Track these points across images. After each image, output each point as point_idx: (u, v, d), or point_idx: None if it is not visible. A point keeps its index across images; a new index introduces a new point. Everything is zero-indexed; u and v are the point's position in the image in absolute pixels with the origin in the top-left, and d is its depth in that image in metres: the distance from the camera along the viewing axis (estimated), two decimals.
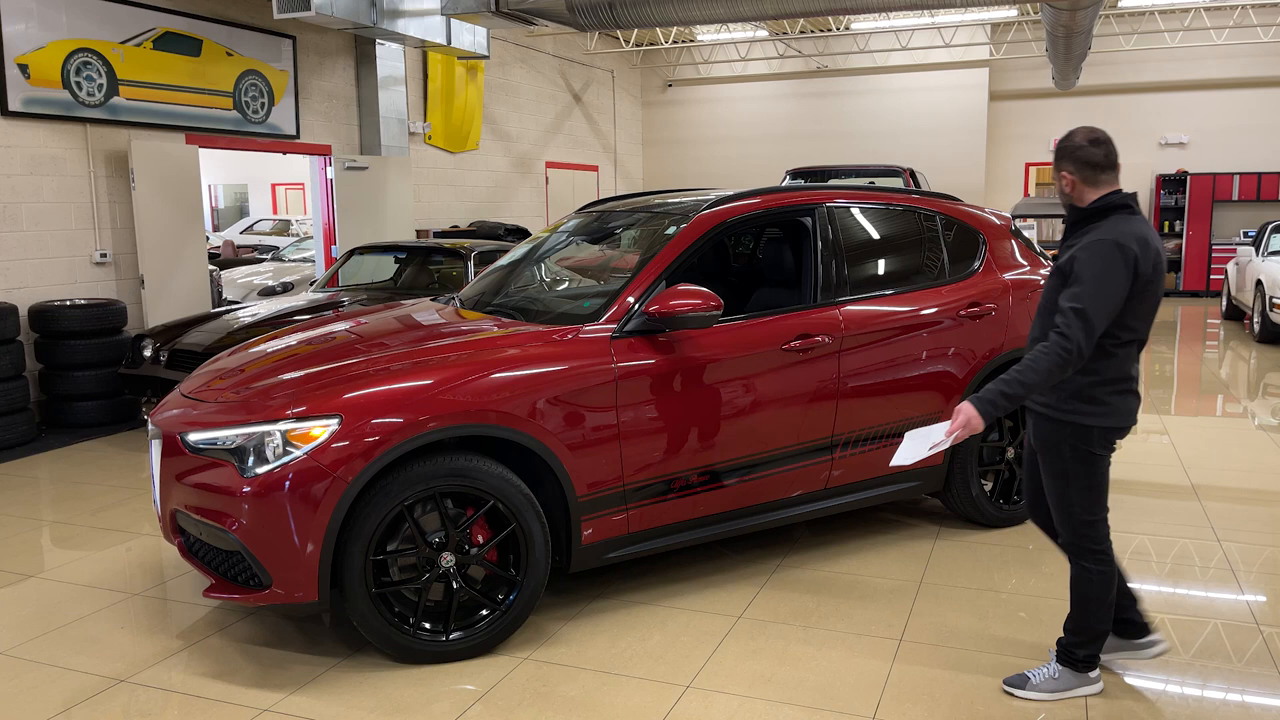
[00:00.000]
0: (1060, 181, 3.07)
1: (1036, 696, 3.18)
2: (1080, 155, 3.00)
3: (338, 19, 8.36)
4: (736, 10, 8.84)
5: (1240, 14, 14.82)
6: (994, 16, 14.57)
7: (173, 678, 3.42)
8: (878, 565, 4.37)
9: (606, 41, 16.59)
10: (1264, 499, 5.29)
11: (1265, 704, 3.16)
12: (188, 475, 3.43)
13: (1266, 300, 10.69)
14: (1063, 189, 3.07)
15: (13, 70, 7.22)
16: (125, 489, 5.76)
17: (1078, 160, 3.01)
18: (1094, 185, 3.01)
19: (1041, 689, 3.19)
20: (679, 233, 4.08)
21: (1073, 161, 3.02)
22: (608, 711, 3.15)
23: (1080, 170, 3.01)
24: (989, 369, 4.60)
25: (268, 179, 20.22)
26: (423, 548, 3.40)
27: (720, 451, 3.96)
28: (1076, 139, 3.02)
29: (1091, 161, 2.99)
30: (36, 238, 7.55)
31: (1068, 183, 3.04)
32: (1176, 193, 16.09)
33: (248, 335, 6.32)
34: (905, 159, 16.56)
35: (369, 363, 3.60)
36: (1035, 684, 3.20)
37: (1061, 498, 3.09)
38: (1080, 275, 2.89)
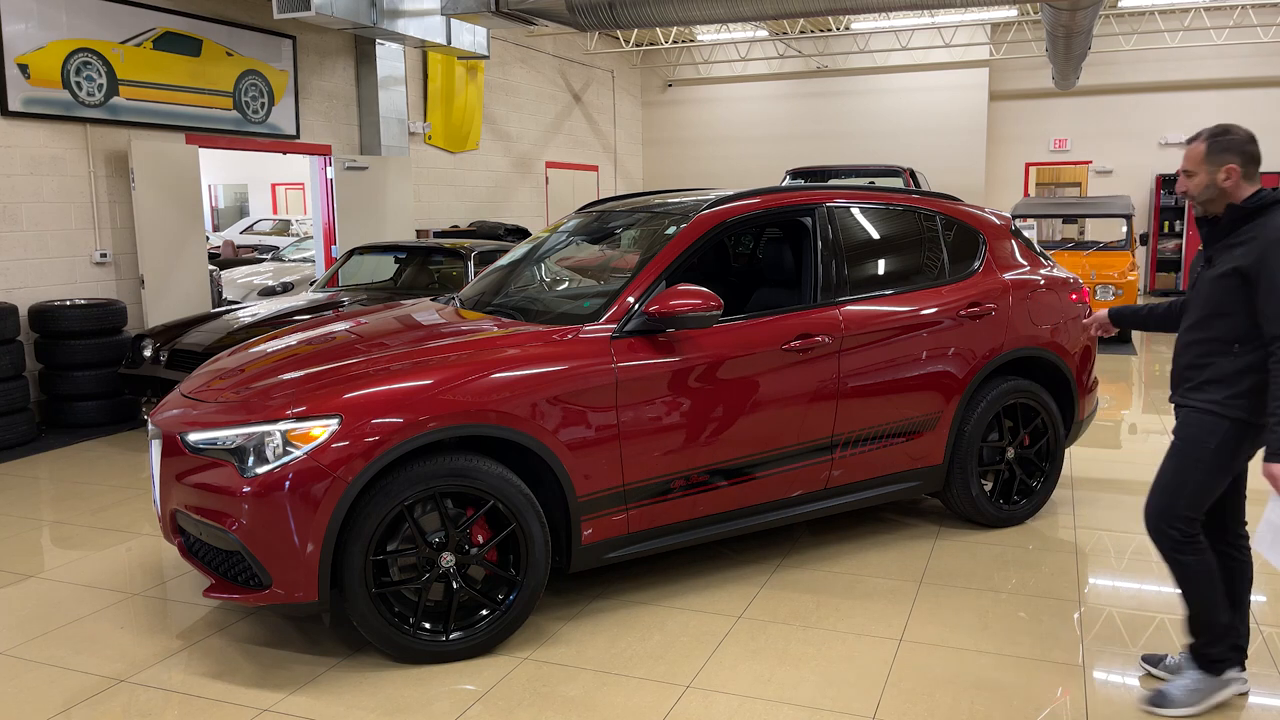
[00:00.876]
0: (1218, 175, 2.94)
1: (1182, 713, 3.05)
2: (1248, 150, 2.93)
3: (338, 19, 8.36)
4: (736, 10, 8.84)
5: (1240, 14, 14.82)
6: (994, 16, 14.57)
7: (173, 678, 3.42)
8: (878, 565, 4.37)
9: (606, 41, 16.60)
10: (1263, 499, 5.29)
11: (1265, 704, 3.16)
12: (188, 475, 3.43)
13: None
14: (1218, 182, 2.94)
15: (13, 70, 7.22)
16: (125, 489, 5.76)
17: (1245, 154, 2.93)
18: (1252, 181, 2.95)
19: (1184, 703, 3.06)
20: (679, 233, 4.08)
21: (1240, 155, 2.93)
22: (608, 711, 3.15)
23: (1246, 165, 2.93)
24: (989, 369, 4.60)
25: (268, 179, 20.22)
26: (423, 548, 3.40)
27: (720, 451, 3.96)
28: (1242, 134, 2.95)
29: (1256, 157, 2.94)
30: (36, 238, 7.55)
31: (1231, 176, 2.93)
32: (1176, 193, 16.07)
33: (248, 335, 6.32)
34: (905, 159, 16.56)
35: (369, 363, 3.60)
36: (1176, 699, 3.06)
37: (1178, 486, 3.02)
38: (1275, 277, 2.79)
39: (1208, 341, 3.01)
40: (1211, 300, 2.99)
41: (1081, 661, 3.45)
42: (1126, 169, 16.52)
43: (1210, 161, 2.96)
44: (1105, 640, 3.62)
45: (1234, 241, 2.94)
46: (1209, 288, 3.00)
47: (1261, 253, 2.83)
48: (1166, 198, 16.13)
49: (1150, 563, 4.37)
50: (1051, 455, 4.86)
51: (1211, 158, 2.96)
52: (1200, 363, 3.03)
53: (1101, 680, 3.32)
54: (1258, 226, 2.89)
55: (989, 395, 4.60)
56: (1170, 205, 16.14)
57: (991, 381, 4.65)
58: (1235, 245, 2.93)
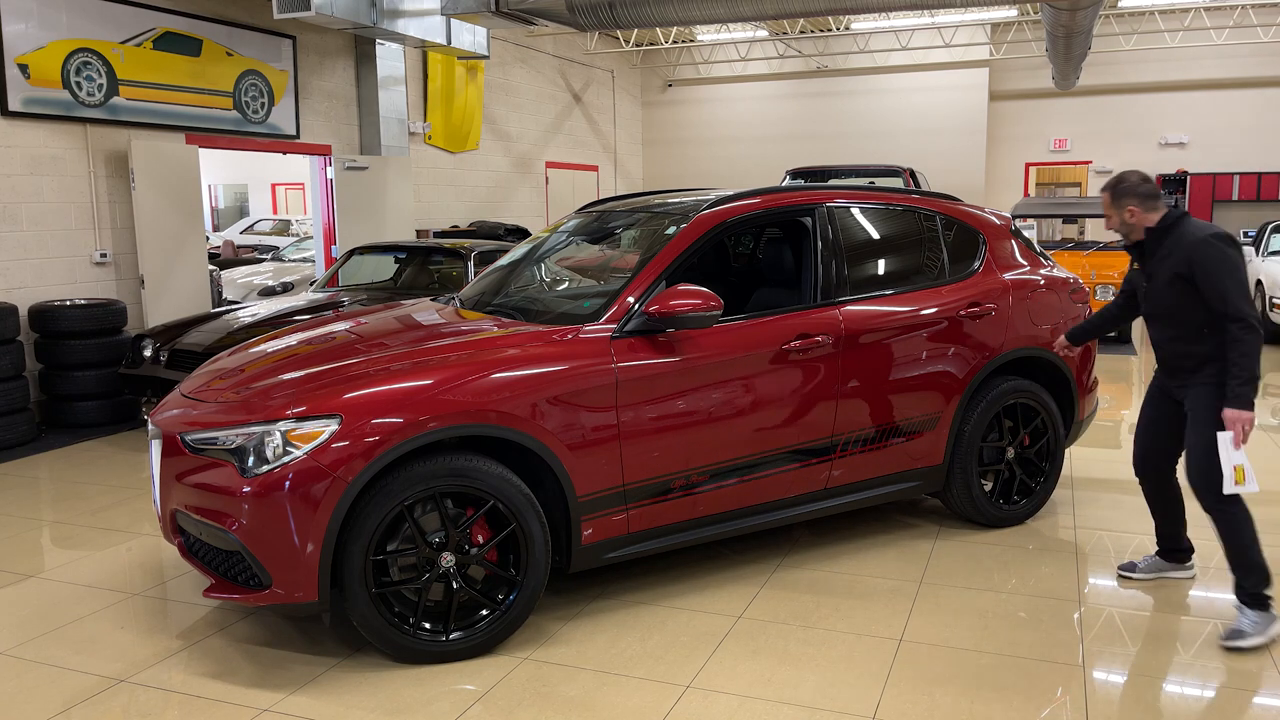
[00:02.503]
0: (1124, 215, 3.74)
1: (1256, 642, 3.54)
2: (1140, 191, 3.72)
3: (338, 19, 8.36)
4: (736, 10, 8.84)
5: (1240, 14, 14.82)
6: (994, 16, 14.57)
7: (173, 678, 3.42)
8: (878, 565, 4.37)
9: (606, 41, 16.60)
10: (1264, 499, 5.29)
11: (1265, 704, 3.16)
12: (188, 475, 3.43)
13: (1266, 300, 10.69)
14: (1125, 220, 3.75)
15: (13, 70, 7.22)
16: (125, 489, 5.76)
17: (1138, 195, 3.72)
18: (1154, 209, 3.72)
19: (1254, 635, 3.56)
20: (679, 233, 4.08)
21: (1135, 197, 3.72)
22: (608, 711, 3.15)
23: (1143, 201, 3.71)
24: (989, 369, 4.60)
25: (268, 179, 20.22)
26: (423, 548, 3.40)
27: (720, 451, 3.96)
28: (1132, 179, 3.74)
29: (1150, 193, 3.73)
30: (36, 238, 7.55)
31: (1134, 214, 3.72)
32: (1176, 193, 16.08)
33: (248, 335, 6.32)
34: (905, 159, 16.57)
35: (369, 363, 3.60)
36: (1249, 633, 3.57)
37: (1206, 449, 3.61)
38: (1216, 276, 3.51)
39: (1181, 336, 3.71)
40: (1169, 304, 3.70)
41: (1081, 661, 3.45)
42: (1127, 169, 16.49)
43: (1116, 207, 3.77)
44: (1105, 640, 3.62)
45: (1162, 255, 3.70)
46: (1162, 294, 3.72)
47: (1189, 256, 3.58)
48: (1167, 198, 16.10)
49: None
50: (1051, 455, 4.86)
51: (1115, 203, 3.77)
52: (1185, 351, 3.71)
53: (1101, 680, 3.32)
54: (1174, 239, 3.66)
55: (989, 395, 4.60)
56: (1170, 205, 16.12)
57: (991, 381, 4.65)
58: (1164, 258, 3.68)
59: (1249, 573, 3.62)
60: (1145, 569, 4.16)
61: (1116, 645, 3.58)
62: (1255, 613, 3.61)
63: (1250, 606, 3.63)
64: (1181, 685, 3.28)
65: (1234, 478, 3.53)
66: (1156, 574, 4.15)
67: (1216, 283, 3.51)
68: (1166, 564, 4.15)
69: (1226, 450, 3.53)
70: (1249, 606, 3.63)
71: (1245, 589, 3.64)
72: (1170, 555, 4.14)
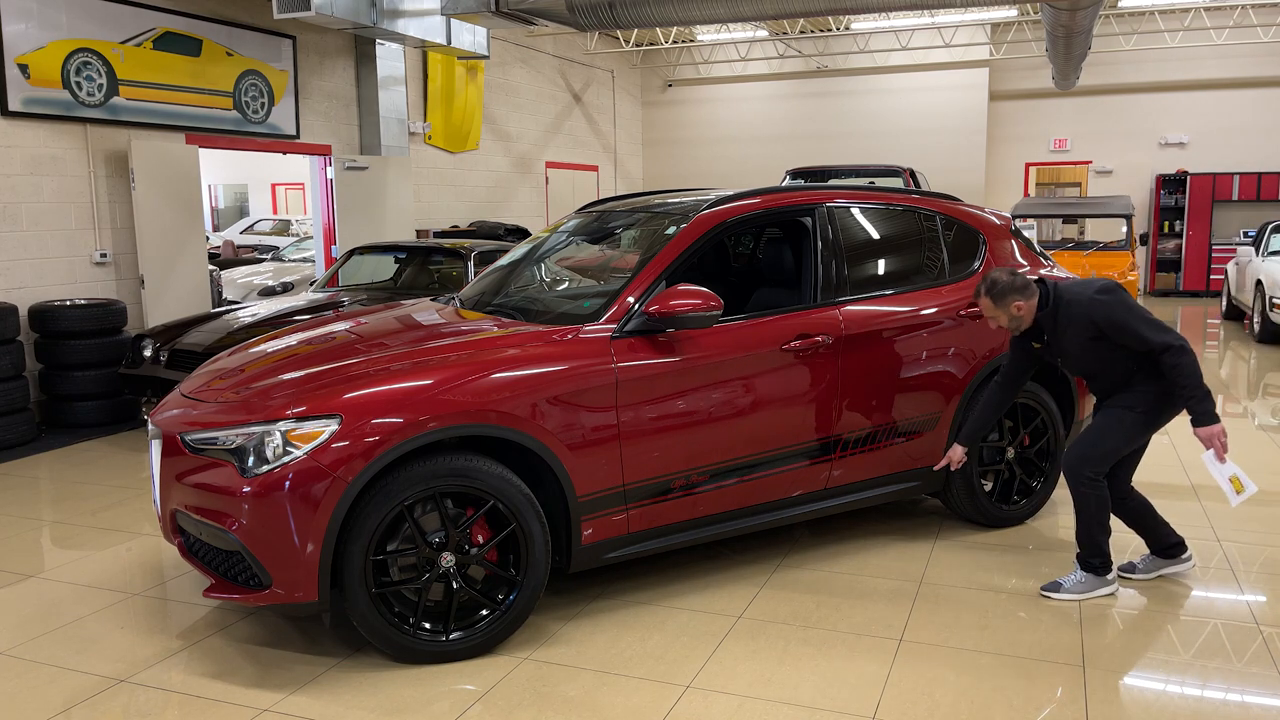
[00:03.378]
0: (1011, 311, 3.88)
1: (1070, 597, 3.96)
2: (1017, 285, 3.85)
3: (338, 19, 8.36)
4: (736, 10, 8.84)
5: (1240, 14, 14.83)
6: (994, 16, 14.57)
7: (173, 678, 3.42)
8: (878, 565, 4.37)
9: (606, 41, 16.60)
10: (1264, 499, 5.29)
11: (1265, 704, 3.16)
12: (188, 475, 3.43)
13: (1266, 300, 10.69)
14: (1014, 315, 3.89)
15: (13, 70, 7.22)
16: (125, 489, 5.76)
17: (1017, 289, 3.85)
18: (1033, 296, 3.88)
19: (1072, 591, 3.97)
20: (679, 233, 4.08)
21: (1017, 293, 3.85)
22: (608, 711, 3.15)
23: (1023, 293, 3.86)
24: (989, 369, 4.60)
25: (268, 179, 20.22)
26: (423, 548, 3.40)
27: (720, 452, 3.96)
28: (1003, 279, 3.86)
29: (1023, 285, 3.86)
30: (36, 238, 7.55)
31: (1021, 309, 3.87)
32: (1176, 193, 16.09)
33: (248, 335, 6.32)
34: (905, 159, 16.57)
35: (369, 363, 3.60)
36: (1067, 588, 3.98)
37: (1100, 438, 3.89)
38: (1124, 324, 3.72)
39: (1114, 381, 3.92)
40: (1091, 364, 3.91)
41: (1081, 661, 3.45)
42: (1126, 169, 16.52)
43: (1001, 308, 3.89)
44: (1105, 640, 3.62)
45: (1061, 328, 3.88)
46: (1082, 359, 3.91)
47: (1090, 319, 3.77)
48: (1166, 198, 16.13)
49: None
50: (1051, 455, 4.85)
51: (999, 305, 3.89)
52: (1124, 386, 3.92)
53: (1101, 680, 3.32)
54: (1065, 311, 3.85)
55: None
56: (1170, 205, 16.14)
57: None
58: (1065, 329, 3.87)
59: (1089, 549, 3.99)
60: (1145, 568, 4.20)
61: (1116, 645, 3.58)
62: (1084, 574, 3.99)
63: (1083, 568, 4.01)
64: (1181, 685, 3.28)
65: (1233, 489, 3.66)
66: (1156, 572, 4.19)
67: (1127, 330, 3.73)
68: (1164, 561, 4.20)
69: (1215, 467, 3.69)
70: (1081, 568, 4.01)
71: (1084, 557, 4.02)
72: (1164, 552, 4.20)
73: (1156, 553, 4.20)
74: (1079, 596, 3.96)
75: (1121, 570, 4.21)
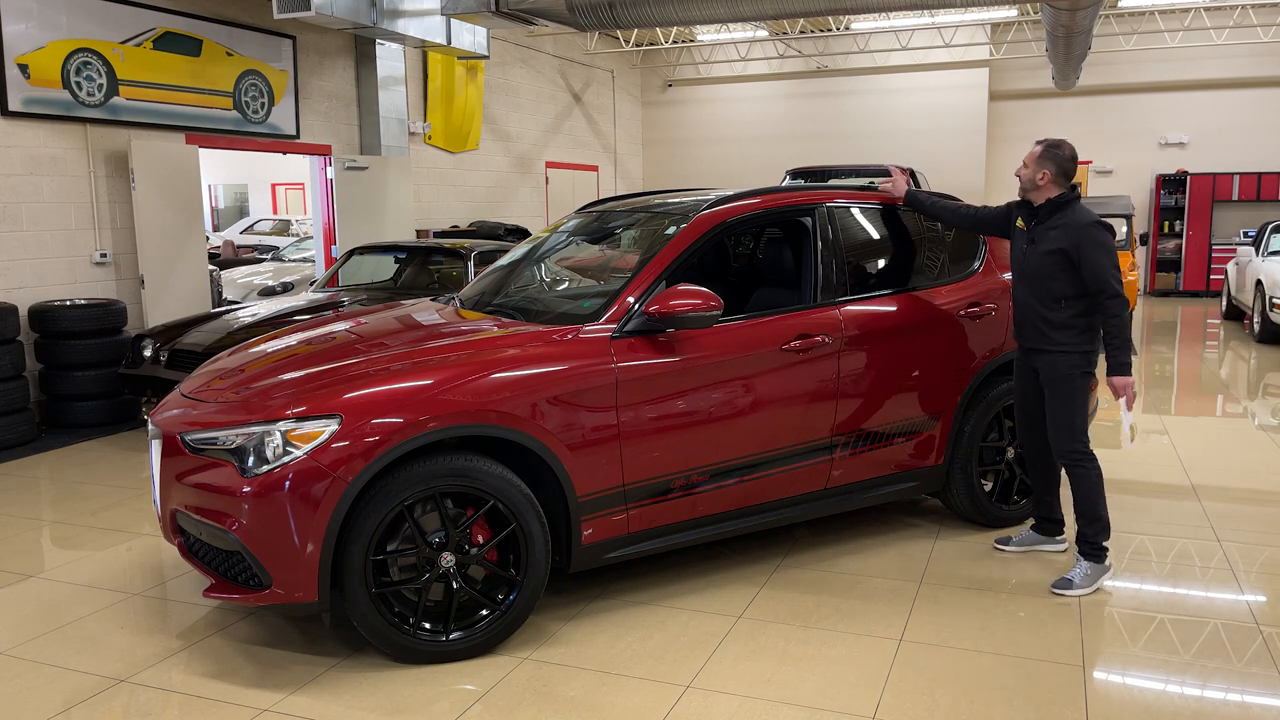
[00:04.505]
0: (1037, 176, 4.07)
1: (1082, 593, 4.02)
2: (1065, 165, 4.06)
3: (338, 19, 8.36)
4: (736, 10, 8.84)
5: (1240, 14, 14.82)
6: (994, 16, 14.57)
7: (173, 678, 3.42)
8: (878, 565, 4.37)
9: (606, 41, 16.60)
10: (1264, 499, 5.29)
11: (1265, 704, 3.16)
12: (188, 475, 3.43)
13: (1266, 300, 10.69)
14: (1035, 179, 4.08)
15: (13, 70, 7.22)
16: (125, 489, 5.76)
17: (1060, 167, 4.05)
18: (1060, 186, 4.07)
19: (1082, 585, 4.03)
20: (679, 233, 4.08)
21: (1056, 166, 4.05)
22: (608, 711, 3.15)
23: (1057, 174, 4.05)
24: (989, 369, 4.60)
25: (268, 179, 20.21)
26: (423, 548, 3.40)
27: (720, 451, 3.96)
28: (1067, 152, 4.08)
29: (1068, 172, 4.07)
30: (36, 238, 7.55)
31: (1045, 179, 4.06)
32: (1176, 193, 16.09)
33: (248, 335, 6.32)
34: (905, 159, 16.55)
35: (369, 363, 3.60)
36: (1078, 583, 4.03)
37: (1068, 415, 4.06)
38: (1096, 258, 3.93)
39: (1041, 300, 4.07)
40: (1039, 269, 4.07)
41: (1081, 661, 3.45)
42: (1126, 169, 16.52)
43: (1039, 163, 4.08)
44: (1105, 640, 3.62)
45: (1050, 226, 4.05)
46: (1039, 260, 4.06)
47: (1077, 239, 3.95)
48: (1166, 198, 16.13)
49: (1150, 562, 4.37)
50: None
51: (1040, 160, 4.07)
52: (1040, 315, 4.08)
53: (1101, 680, 3.32)
54: (1064, 216, 4.03)
55: (989, 395, 4.60)
56: (1170, 205, 16.14)
57: (992, 381, 4.65)
58: (1051, 229, 4.04)
59: (1093, 523, 4.08)
60: (1019, 542, 4.45)
61: (1116, 645, 3.58)
62: (1089, 564, 4.08)
63: (1086, 558, 4.09)
64: (1181, 685, 3.28)
65: (1129, 435, 4.03)
66: (1030, 547, 4.44)
67: (1097, 265, 3.92)
68: (1040, 537, 4.45)
69: (1124, 414, 4.02)
70: (1085, 558, 4.09)
71: (1087, 538, 4.09)
72: (1043, 527, 4.45)
73: (1037, 526, 4.46)
74: (1090, 589, 4.03)
75: (997, 543, 4.49)
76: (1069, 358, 4.05)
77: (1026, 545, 4.44)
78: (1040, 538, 4.45)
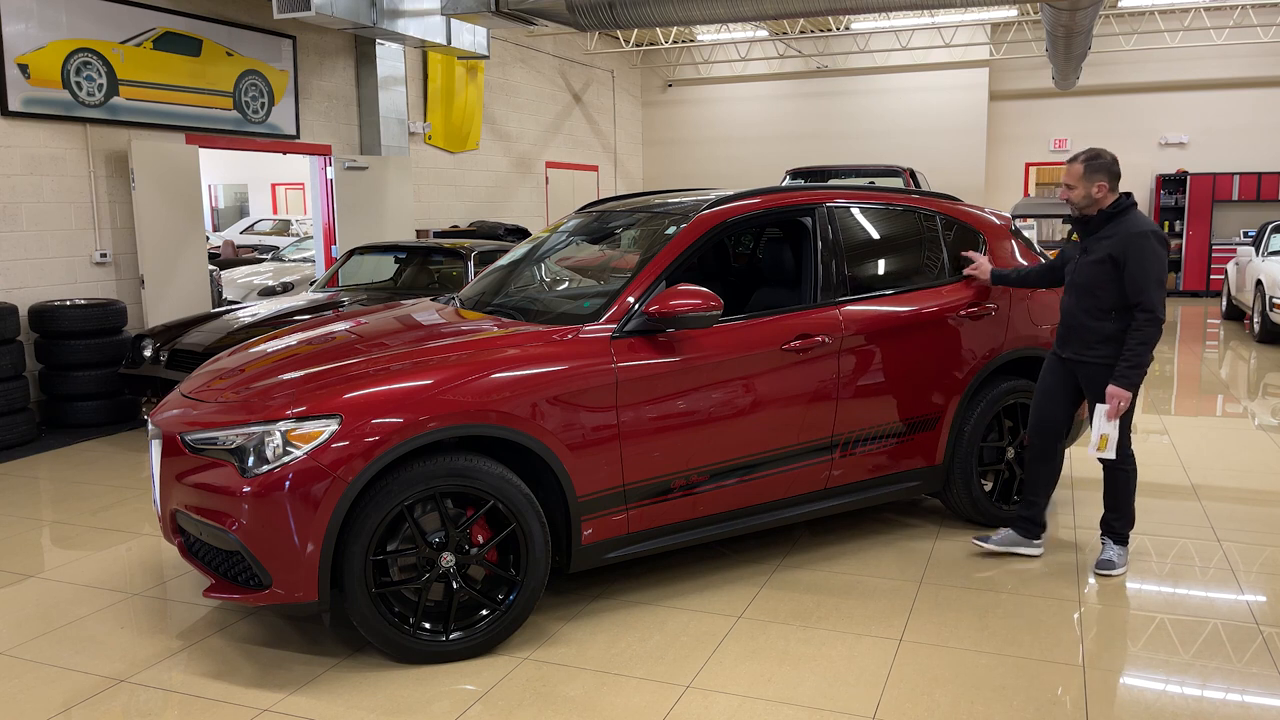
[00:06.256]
0: (1093, 190, 4.03)
1: (1122, 571, 4.23)
2: (1114, 170, 4.04)
3: (338, 19, 8.35)
4: (736, 10, 8.84)
5: (1240, 14, 14.82)
6: (994, 16, 14.57)
7: (173, 678, 3.42)
8: (878, 565, 4.37)
9: (606, 41, 16.59)
10: (1264, 499, 5.29)
11: (1265, 704, 3.16)
12: (188, 475, 3.43)
13: (1266, 300, 10.69)
14: (1091, 194, 4.04)
15: (13, 70, 7.22)
16: (125, 489, 5.76)
17: (1111, 173, 4.04)
18: (1115, 191, 4.07)
19: (1121, 564, 4.24)
20: (679, 233, 4.08)
21: (1107, 174, 4.03)
22: (608, 711, 3.15)
23: (1112, 181, 4.04)
24: (989, 369, 4.60)
25: (268, 179, 20.22)
26: (423, 548, 3.40)
27: (720, 452, 3.96)
28: (1109, 157, 4.05)
29: (1118, 174, 4.06)
30: (36, 238, 7.55)
31: (1102, 190, 4.04)
32: (1176, 193, 16.09)
33: (248, 335, 6.32)
34: (905, 159, 16.56)
35: (369, 363, 3.60)
36: (1118, 564, 4.23)
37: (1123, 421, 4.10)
38: (1143, 269, 3.91)
39: (1090, 310, 4.07)
40: (1090, 279, 4.06)
41: (1081, 661, 3.45)
42: (1126, 169, 16.38)
43: (1087, 180, 4.04)
44: (1105, 640, 3.62)
45: (1103, 235, 4.04)
46: (1089, 269, 4.05)
47: (1126, 246, 3.95)
48: (1167, 198, 16.13)
49: (1150, 562, 4.37)
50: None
51: (1088, 176, 4.04)
52: (1088, 324, 4.08)
53: (1101, 680, 3.32)
54: (1119, 224, 4.02)
55: (989, 395, 4.60)
56: (1170, 205, 16.14)
57: (992, 381, 4.65)
58: (1104, 238, 4.03)
59: (1122, 517, 4.27)
60: (999, 541, 4.43)
61: (1116, 645, 3.58)
62: (1119, 547, 4.27)
63: (1117, 543, 4.29)
64: (1181, 685, 3.28)
65: (1098, 444, 4.05)
66: (1009, 547, 4.43)
67: (1140, 275, 3.91)
68: (1020, 538, 4.43)
69: (1100, 420, 4.05)
70: (1116, 543, 4.28)
71: (1116, 530, 4.28)
72: (1025, 528, 4.42)
73: (1019, 526, 4.43)
74: (1126, 566, 4.26)
75: (976, 539, 4.49)
76: (1109, 370, 4.04)
77: (1006, 545, 4.43)
78: (1020, 538, 4.43)
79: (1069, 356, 4.20)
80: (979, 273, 4.60)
